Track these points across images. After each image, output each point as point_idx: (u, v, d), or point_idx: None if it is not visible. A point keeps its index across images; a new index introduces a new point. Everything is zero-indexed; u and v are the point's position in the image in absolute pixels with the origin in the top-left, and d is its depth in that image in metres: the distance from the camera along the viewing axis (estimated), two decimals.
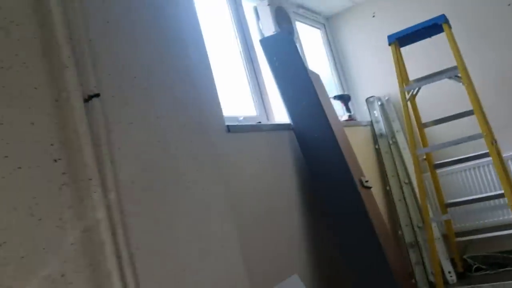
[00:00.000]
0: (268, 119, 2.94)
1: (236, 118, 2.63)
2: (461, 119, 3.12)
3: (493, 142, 2.75)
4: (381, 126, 3.93)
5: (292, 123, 2.70)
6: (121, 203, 0.99)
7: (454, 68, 2.92)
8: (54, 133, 0.90)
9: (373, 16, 4.13)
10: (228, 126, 2.21)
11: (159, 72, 1.23)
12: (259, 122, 2.56)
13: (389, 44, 3.08)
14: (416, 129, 3.31)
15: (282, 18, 3.35)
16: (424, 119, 3.38)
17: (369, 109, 4.02)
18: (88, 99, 0.95)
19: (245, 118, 2.69)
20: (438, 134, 3.70)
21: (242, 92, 2.92)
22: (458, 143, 2.85)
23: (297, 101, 2.70)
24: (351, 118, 3.72)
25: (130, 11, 1.20)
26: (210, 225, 1.21)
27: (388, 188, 3.75)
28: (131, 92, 1.10)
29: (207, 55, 2.27)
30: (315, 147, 2.62)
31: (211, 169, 1.28)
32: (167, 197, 1.11)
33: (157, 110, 1.16)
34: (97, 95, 0.95)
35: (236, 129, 2.26)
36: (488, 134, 2.70)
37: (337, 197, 2.54)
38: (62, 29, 0.92)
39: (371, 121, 3.98)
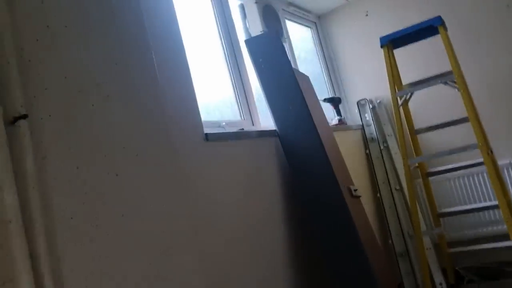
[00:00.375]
0: (253, 124, 2.78)
1: (218, 123, 2.47)
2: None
3: (488, 153, 2.60)
4: (372, 130, 3.79)
5: (277, 130, 2.54)
6: (55, 247, 0.83)
7: (450, 73, 2.77)
8: None
9: (366, 15, 3.98)
10: (206, 134, 2.04)
11: (115, 81, 1.07)
12: (242, 129, 2.40)
13: (382, 47, 2.92)
14: (408, 136, 3.16)
15: (271, 17, 3.18)
16: (417, 124, 3.23)
17: (360, 112, 3.87)
18: (13, 121, 0.79)
19: (228, 123, 2.52)
20: (432, 139, 3.56)
21: (226, 95, 2.76)
22: (452, 153, 2.70)
23: (283, 106, 2.54)
24: (341, 121, 3.57)
25: (80, 10, 1.03)
26: (171, 261, 1.05)
27: (378, 195, 3.62)
28: (75, 109, 0.93)
29: (185, 58, 2.09)
30: (301, 155, 2.47)
31: (179, 195, 1.12)
32: (119, 232, 0.95)
33: (109, 129, 1.00)
34: (25, 117, 0.79)
35: (215, 138, 2.09)
36: (484, 144, 2.56)
37: (323, 208, 2.40)
38: None
39: (362, 125, 3.84)
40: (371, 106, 3.84)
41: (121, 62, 1.10)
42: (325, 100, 3.60)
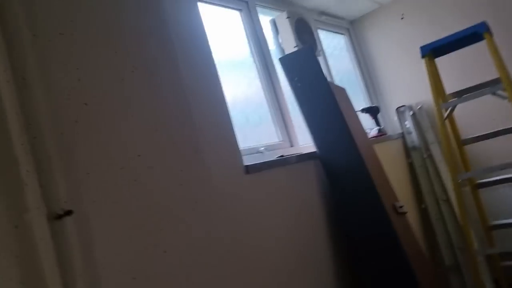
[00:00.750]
0: (291, 144, 2.71)
1: (256, 149, 2.41)
2: None
3: None
4: (413, 138, 3.65)
5: (317, 150, 2.46)
6: None
7: (497, 81, 2.61)
8: (14, 272, 0.70)
9: (402, 18, 3.82)
10: (247, 166, 1.97)
11: (156, 148, 1.02)
12: (281, 156, 2.33)
13: (422, 57, 2.78)
14: (454, 148, 3.00)
15: (303, 30, 3.10)
16: (462, 131, 3.06)
17: (399, 120, 3.73)
18: (57, 217, 0.75)
19: (266, 147, 2.46)
20: (479, 147, 3.37)
21: (262, 117, 2.70)
22: (504, 168, 2.54)
23: (322, 126, 2.45)
24: (381, 132, 3.44)
25: (116, 80, 0.99)
26: None
27: (423, 206, 3.48)
28: (118, 188, 0.89)
29: (222, 91, 2.01)
30: (343, 176, 2.38)
31: (232, 270, 1.06)
32: None
33: (153, 202, 0.95)
34: (69, 213, 0.75)
35: (256, 169, 2.02)
36: None
37: (368, 229, 2.31)
38: (19, 134, 0.72)
39: (403, 133, 3.70)
40: (411, 113, 3.69)
41: (160, 126, 1.05)
42: (362, 110, 3.48)
